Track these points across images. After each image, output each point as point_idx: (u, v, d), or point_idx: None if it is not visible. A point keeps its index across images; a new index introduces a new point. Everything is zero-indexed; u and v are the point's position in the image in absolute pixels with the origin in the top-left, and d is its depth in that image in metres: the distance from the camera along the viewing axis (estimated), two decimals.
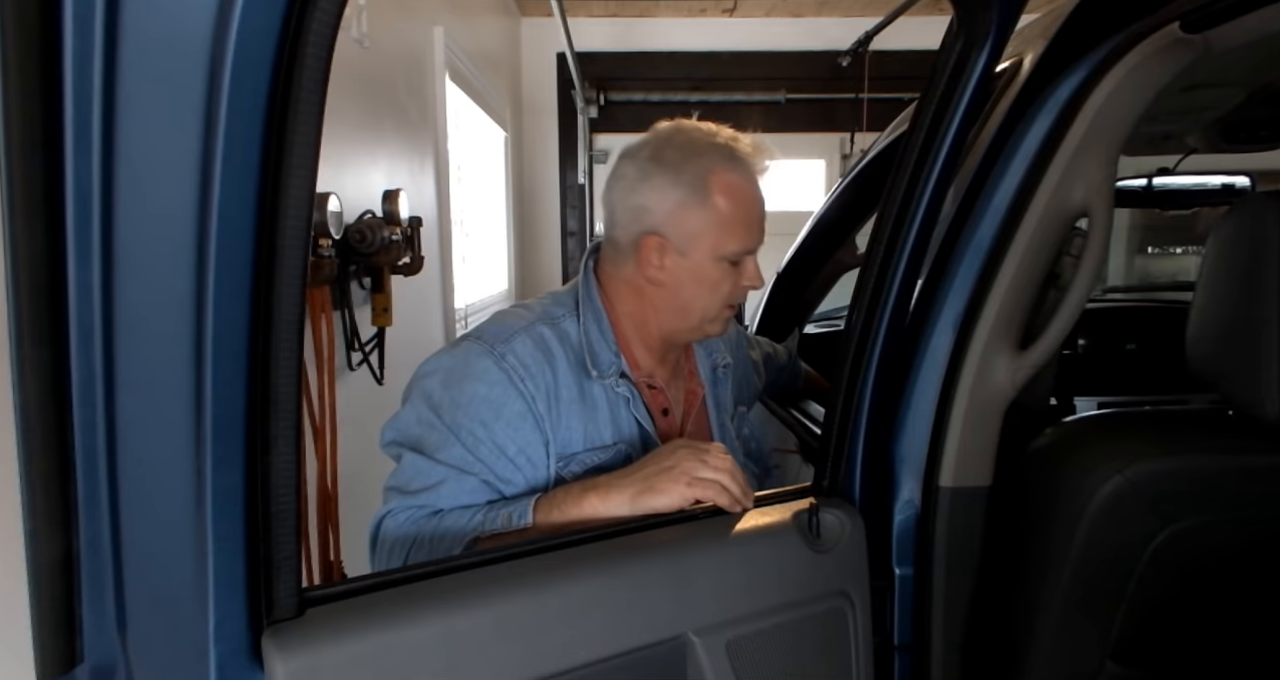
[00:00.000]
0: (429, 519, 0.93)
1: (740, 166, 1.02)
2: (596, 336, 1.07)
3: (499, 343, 1.00)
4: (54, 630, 0.59)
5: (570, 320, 1.08)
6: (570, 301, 1.10)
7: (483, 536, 0.90)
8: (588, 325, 1.07)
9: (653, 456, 0.93)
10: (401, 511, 0.95)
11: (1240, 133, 1.64)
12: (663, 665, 0.81)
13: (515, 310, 1.10)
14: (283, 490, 0.62)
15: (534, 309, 1.09)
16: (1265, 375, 0.90)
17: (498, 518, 0.91)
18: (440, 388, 0.99)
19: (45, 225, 0.52)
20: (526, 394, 0.98)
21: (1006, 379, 0.99)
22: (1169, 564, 0.95)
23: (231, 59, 0.49)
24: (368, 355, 2.13)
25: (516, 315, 1.07)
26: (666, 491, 0.88)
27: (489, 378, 0.98)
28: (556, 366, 1.02)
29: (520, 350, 1.00)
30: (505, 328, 1.03)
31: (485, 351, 0.99)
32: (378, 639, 0.66)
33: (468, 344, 1.02)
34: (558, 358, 1.03)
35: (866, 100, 4.68)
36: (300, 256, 0.58)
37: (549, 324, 1.05)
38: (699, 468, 0.89)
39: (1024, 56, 1.04)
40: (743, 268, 1.06)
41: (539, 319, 1.06)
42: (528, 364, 0.99)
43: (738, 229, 1.02)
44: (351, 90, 2.07)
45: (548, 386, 1.00)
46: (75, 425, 0.56)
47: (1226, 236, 0.96)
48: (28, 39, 0.48)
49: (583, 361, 1.04)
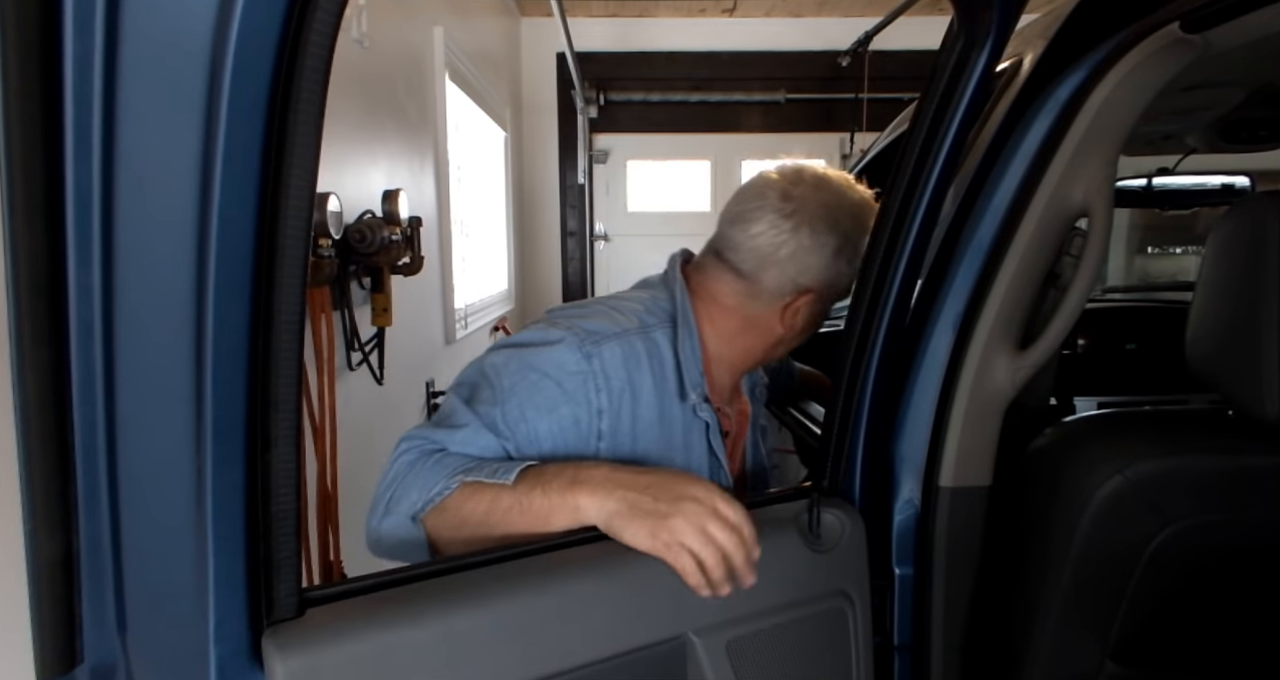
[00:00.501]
0: (429, 456, 0.90)
1: (870, 217, 1.07)
2: (689, 355, 1.03)
3: (590, 342, 0.96)
4: (54, 630, 0.59)
5: (662, 332, 1.03)
6: (663, 312, 1.05)
7: (465, 482, 0.86)
8: (683, 344, 1.03)
9: (668, 482, 0.82)
10: (417, 438, 0.93)
11: (1240, 133, 1.64)
12: (663, 665, 0.81)
13: (609, 311, 1.03)
14: (283, 490, 0.62)
15: (628, 314, 1.03)
16: (1265, 375, 0.90)
17: (484, 468, 0.86)
18: (518, 354, 0.96)
19: (45, 225, 0.52)
20: (593, 405, 0.95)
21: (1006, 379, 0.99)
22: (1169, 564, 0.95)
23: (232, 59, 0.49)
24: (367, 355, 2.13)
25: (612, 318, 1.01)
26: (641, 534, 0.78)
27: (565, 370, 0.94)
28: (640, 386, 0.98)
29: (609, 358, 0.96)
30: (601, 329, 0.98)
31: (575, 345, 0.95)
32: (378, 639, 0.66)
33: (561, 330, 0.97)
34: (643, 375, 0.98)
35: (866, 100, 4.68)
36: (300, 256, 0.58)
37: (642, 334, 1.01)
38: (693, 534, 0.77)
39: (1024, 56, 1.04)
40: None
41: (635, 328, 1.01)
42: (610, 374, 0.95)
43: (854, 272, 1.07)
44: (351, 90, 2.07)
45: (622, 406, 0.96)
46: (75, 425, 0.56)
47: (1226, 236, 0.96)
48: (28, 39, 0.48)
49: (671, 381, 1.01)
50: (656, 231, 5.15)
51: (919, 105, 0.92)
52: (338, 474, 1.87)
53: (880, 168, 1.65)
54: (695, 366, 1.03)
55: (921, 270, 0.99)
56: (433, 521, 0.87)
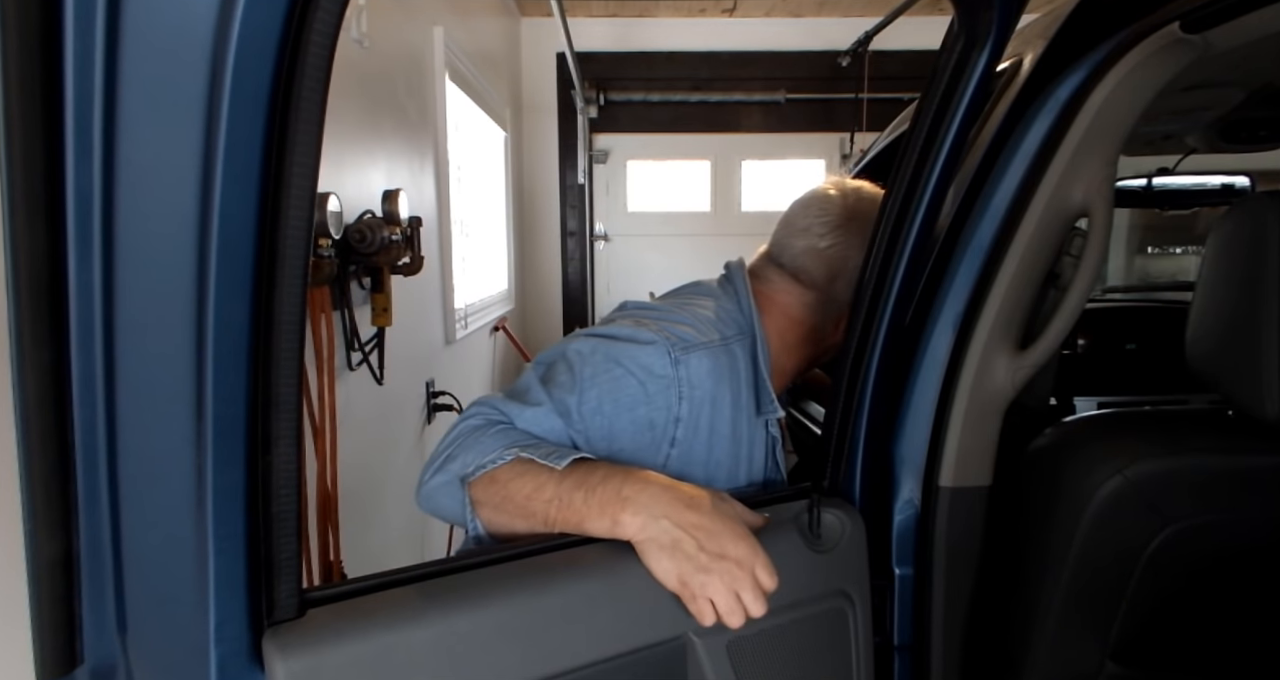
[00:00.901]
0: (493, 424, 0.91)
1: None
2: (764, 370, 1.03)
3: (679, 348, 0.95)
4: (54, 630, 0.59)
5: (740, 344, 1.03)
6: (735, 324, 1.05)
7: (520, 457, 0.85)
8: (758, 356, 1.03)
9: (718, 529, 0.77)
10: (488, 407, 0.93)
11: (1240, 133, 1.64)
12: (663, 665, 0.81)
13: (690, 318, 1.02)
14: (283, 490, 0.62)
15: (707, 324, 1.02)
16: (1265, 375, 0.90)
17: (541, 448, 0.86)
18: (606, 346, 0.96)
19: (45, 225, 0.52)
20: (672, 411, 0.94)
21: (1006, 379, 0.99)
22: (1169, 564, 0.95)
23: (233, 59, 0.49)
24: (368, 355, 2.13)
25: (695, 326, 1.00)
26: (671, 576, 0.76)
27: (651, 372, 0.93)
28: (720, 399, 0.97)
29: (695, 367, 0.95)
30: (690, 337, 0.97)
31: (666, 349, 0.94)
32: (378, 640, 0.66)
33: (651, 331, 0.96)
34: (725, 388, 0.97)
35: (866, 100, 4.68)
36: (301, 256, 0.58)
37: (725, 347, 1.00)
38: (724, 596, 0.75)
39: (1024, 56, 1.04)
40: None
41: (717, 341, 1.00)
42: (694, 384, 0.94)
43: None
44: (351, 90, 2.07)
45: (700, 417, 0.96)
46: (75, 425, 0.56)
47: (1226, 236, 0.96)
48: (28, 39, 0.48)
49: (746, 395, 1.01)
50: (656, 231, 5.15)
51: (919, 105, 0.92)
52: (338, 474, 1.87)
53: (880, 168, 1.65)
54: (766, 371, 1.04)
55: (921, 270, 0.99)
56: (479, 491, 0.86)
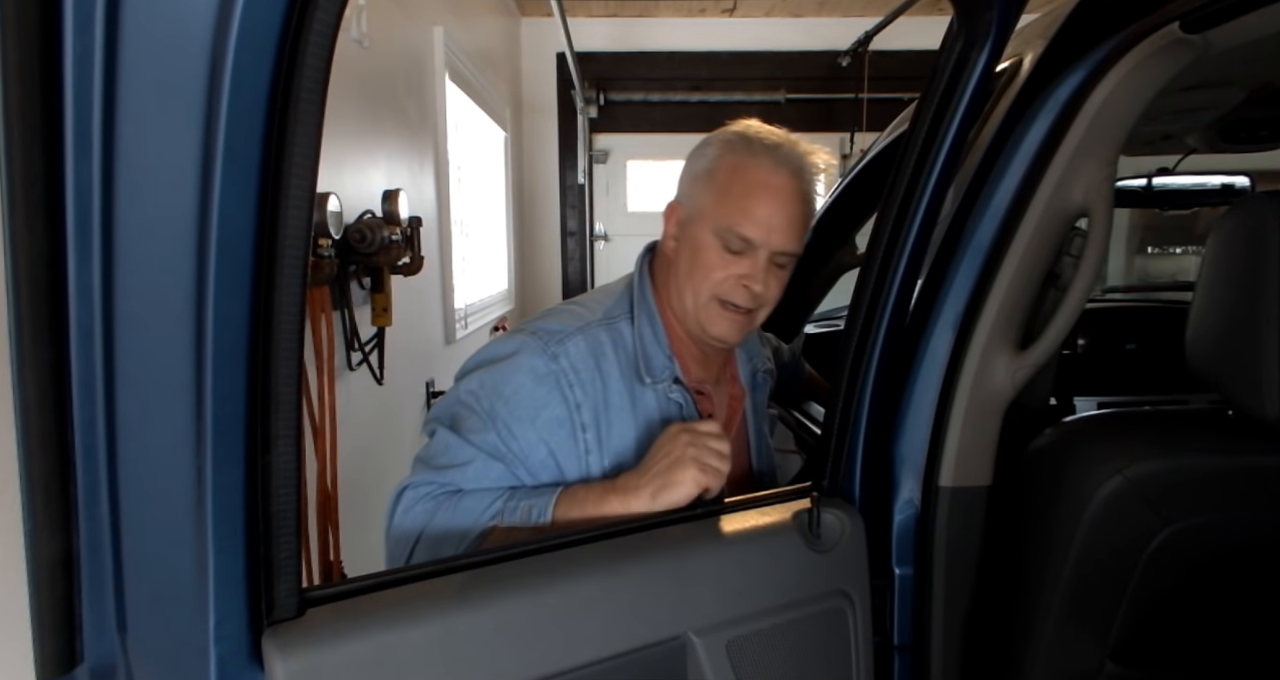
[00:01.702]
0: (448, 498, 0.92)
1: (756, 154, 1.03)
2: (650, 339, 1.05)
3: (554, 342, 0.99)
4: (54, 630, 0.59)
5: (625, 322, 1.06)
6: (626, 302, 1.08)
7: (500, 527, 0.90)
8: (642, 328, 1.06)
9: (658, 447, 0.92)
10: (423, 485, 0.94)
11: (1240, 133, 1.63)
12: (663, 665, 0.81)
13: (573, 308, 1.07)
14: (283, 490, 0.62)
15: (592, 308, 1.07)
16: (1265, 375, 0.90)
17: (518, 509, 0.90)
18: (488, 374, 0.98)
19: (45, 225, 0.52)
20: (571, 401, 0.97)
21: (1006, 379, 0.99)
22: (1169, 564, 0.95)
23: (232, 59, 0.49)
24: (367, 355, 2.13)
25: (574, 314, 1.05)
26: (681, 483, 0.88)
27: (536, 374, 0.97)
28: (608, 373, 1.00)
29: (574, 353, 0.99)
30: (562, 327, 1.01)
31: (539, 348, 0.98)
32: (378, 639, 0.66)
33: (523, 337, 1.00)
34: (610, 363, 1.01)
35: (866, 100, 4.68)
36: (300, 256, 0.58)
37: (605, 326, 1.04)
38: (705, 454, 0.89)
39: (1024, 56, 1.04)
40: (744, 263, 1.03)
41: (597, 321, 1.04)
42: (579, 368, 0.98)
43: (733, 208, 1.01)
44: (351, 90, 2.07)
45: (596, 395, 0.99)
46: (75, 425, 0.56)
47: (1226, 236, 0.96)
48: (28, 39, 0.48)
49: (636, 367, 1.03)
50: (656, 231, 5.12)
51: (919, 105, 0.92)
52: (338, 474, 1.87)
53: (880, 168, 1.65)
54: (660, 350, 1.06)
55: (921, 270, 0.99)
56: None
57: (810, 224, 1.07)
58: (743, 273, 1.03)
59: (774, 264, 1.04)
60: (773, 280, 1.04)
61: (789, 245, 1.03)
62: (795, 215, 1.03)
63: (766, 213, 1.01)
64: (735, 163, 1.03)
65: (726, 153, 1.04)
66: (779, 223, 1.02)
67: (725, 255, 1.02)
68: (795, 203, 1.03)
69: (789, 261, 1.06)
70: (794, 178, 1.03)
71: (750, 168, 1.02)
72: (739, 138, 1.05)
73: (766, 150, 1.03)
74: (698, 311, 1.05)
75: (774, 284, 1.05)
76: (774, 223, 1.01)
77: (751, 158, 1.02)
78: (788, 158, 1.03)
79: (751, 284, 1.03)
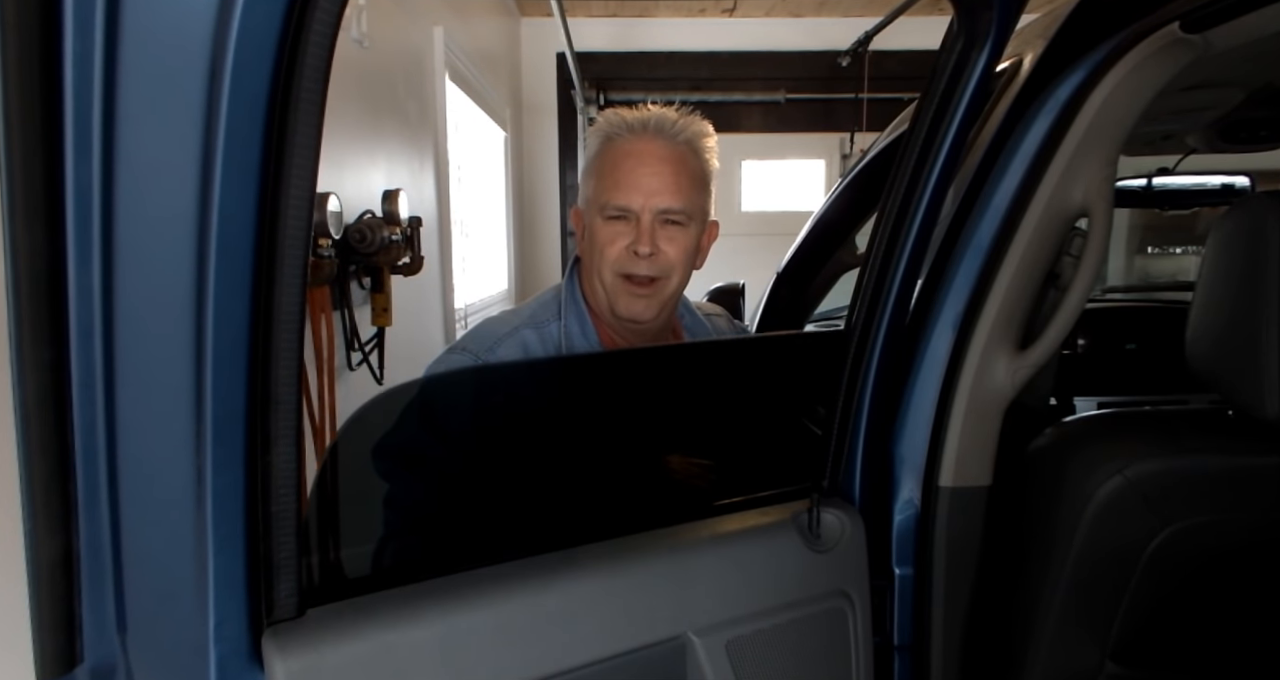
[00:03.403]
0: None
1: (619, 132, 1.06)
2: (578, 335, 1.09)
3: (484, 351, 1.03)
4: (54, 630, 0.59)
5: (554, 321, 1.10)
6: (555, 305, 1.12)
7: None
8: (568, 324, 1.09)
9: None
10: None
11: (1240, 133, 1.63)
12: (663, 665, 0.81)
13: (503, 316, 1.12)
14: (283, 490, 0.62)
15: (521, 313, 1.11)
16: (1265, 375, 0.90)
17: None
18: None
19: (45, 225, 0.52)
20: None
21: (1006, 379, 0.99)
22: (1168, 563, 0.95)
23: (232, 59, 0.49)
24: (367, 355, 2.13)
25: (503, 321, 1.09)
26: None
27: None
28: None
29: (504, 354, 1.03)
30: (490, 334, 1.05)
31: (471, 361, 1.02)
32: (378, 639, 0.66)
33: (456, 355, 1.04)
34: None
35: (866, 100, 4.68)
36: (300, 256, 0.58)
37: (533, 327, 1.08)
38: None
39: (1024, 56, 1.04)
40: (629, 229, 1.05)
41: (524, 323, 1.08)
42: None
43: (606, 183, 1.05)
44: (351, 90, 2.07)
45: None
46: (75, 425, 0.56)
47: (1226, 236, 0.96)
48: (28, 39, 0.48)
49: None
50: None
51: (919, 105, 0.92)
52: None
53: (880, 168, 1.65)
54: (589, 345, 1.09)
55: (921, 270, 0.99)
56: None
57: (696, 182, 1.08)
58: (629, 240, 1.05)
59: (663, 224, 1.05)
60: (664, 241, 1.06)
61: (669, 202, 1.04)
62: (668, 173, 1.04)
63: (635, 177, 1.04)
64: (601, 147, 1.07)
65: (593, 142, 1.08)
66: (652, 184, 1.04)
67: (611, 229, 1.05)
68: (666, 163, 1.04)
69: (683, 219, 1.07)
70: (657, 138, 1.05)
71: (614, 145, 1.06)
72: (604, 125, 1.08)
73: (627, 126, 1.06)
74: (609, 296, 1.07)
75: (667, 245, 1.06)
76: (646, 185, 1.04)
77: (616, 136, 1.06)
78: (649, 125, 1.05)
79: (639, 247, 1.04)
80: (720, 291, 2.21)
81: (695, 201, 1.07)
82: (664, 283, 1.07)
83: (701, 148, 1.09)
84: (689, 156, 1.07)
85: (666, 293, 1.08)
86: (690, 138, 1.07)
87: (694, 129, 1.08)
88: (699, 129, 1.08)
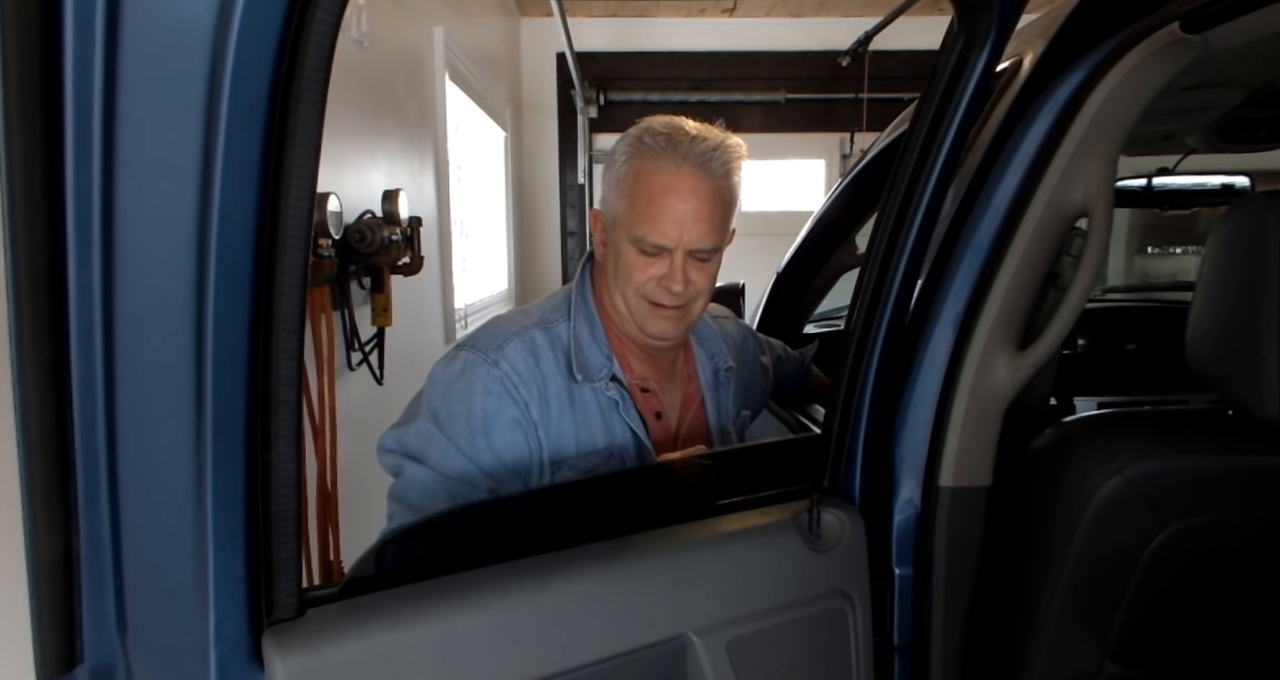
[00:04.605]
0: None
1: (657, 157, 1.03)
2: (587, 339, 1.09)
3: (492, 350, 1.02)
4: (54, 630, 0.59)
5: (564, 323, 1.09)
6: (565, 306, 1.12)
7: None
8: (578, 327, 1.09)
9: None
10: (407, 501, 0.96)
11: (1240, 133, 1.64)
12: (663, 665, 0.81)
13: (512, 315, 1.11)
14: (283, 490, 0.62)
15: (530, 314, 1.10)
16: (1265, 375, 0.90)
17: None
18: (439, 399, 1.01)
19: (45, 225, 0.52)
20: (520, 401, 1.01)
21: (1006, 379, 0.99)
22: (1168, 564, 0.95)
23: (232, 59, 0.49)
24: (367, 355, 2.13)
25: (511, 320, 1.08)
26: None
27: (485, 386, 1.00)
28: (547, 372, 1.04)
29: (513, 356, 1.02)
30: (499, 334, 1.05)
31: (480, 360, 1.02)
32: (378, 639, 0.66)
33: (464, 353, 1.03)
34: (548, 362, 1.04)
35: (866, 100, 4.68)
36: (300, 256, 0.58)
37: (542, 328, 1.07)
38: None
39: (1024, 56, 1.04)
40: (662, 264, 1.04)
41: (533, 324, 1.07)
42: (520, 370, 1.01)
43: (641, 215, 1.03)
44: (351, 90, 2.07)
45: (540, 391, 1.02)
46: (75, 425, 0.56)
47: (1226, 236, 0.96)
48: (28, 39, 0.48)
49: (570, 365, 1.06)
50: None
51: (919, 105, 0.92)
52: (338, 474, 1.87)
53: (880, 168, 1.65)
54: (598, 349, 1.09)
55: (921, 270, 0.99)
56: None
57: (728, 214, 1.07)
58: (661, 274, 1.05)
59: (693, 260, 1.05)
60: (695, 275, 1.06)
61: (701, 242, 1.04)
62: (703, 211, 1.03)
63: (673, 217, 1.02)
64: (639, 168, 1.04)
65: (630, 158, 1.05)
66: (691, 230, 1.03)
67: (643, 259, 1.04)
68: (704, 201, 1.03)
69: (710, 254, 1.07)
70: (697, 174, 1.02)
71: (652, 172, 1.03)
72: (639, 141, 1.05)
73: (666, 151, 1.03)
74: (632, 312, 1.08)
75: (697, 278, 1.06)
76: (683, 225, 1.02)
77: (653, 161, 1.03)
78: (688, 155, 1.03)
79: (671, 284, 1.04)
80: (720, 291, 2.21)
81: (726, 230, 1.08)
82: (691, 307, 1.09)
83: (735, 172, 1.08)
84: (725, 190, 1.06)
85: (694, 314, 1.10)
86: (729, 171, 1.06)
87: (731, 157, 1.06)
88: (735, 155, 1.06)
